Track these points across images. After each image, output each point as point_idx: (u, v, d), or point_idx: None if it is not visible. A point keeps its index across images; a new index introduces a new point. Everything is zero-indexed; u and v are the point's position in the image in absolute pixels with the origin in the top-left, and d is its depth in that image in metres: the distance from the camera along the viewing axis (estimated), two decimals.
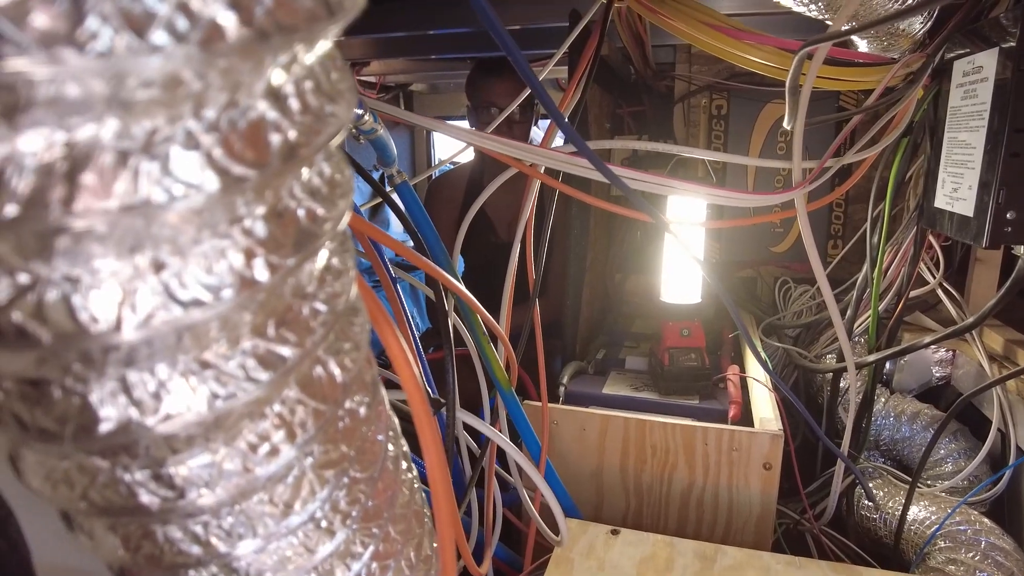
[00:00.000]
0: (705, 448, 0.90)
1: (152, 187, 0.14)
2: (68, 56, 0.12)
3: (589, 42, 0.82)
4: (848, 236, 1.44)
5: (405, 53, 1.67)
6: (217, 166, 0.15)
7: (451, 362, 0.57)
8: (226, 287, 0.16)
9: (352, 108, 0.19)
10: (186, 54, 0.13)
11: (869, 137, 0.80)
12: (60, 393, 0.17)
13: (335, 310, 0.21)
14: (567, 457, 0.93)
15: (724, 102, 1.42)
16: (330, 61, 0.19)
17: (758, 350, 0.96)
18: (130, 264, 0.15)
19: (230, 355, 0.18)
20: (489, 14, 0.44)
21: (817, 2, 0.62)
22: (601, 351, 1.21)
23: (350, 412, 0.24)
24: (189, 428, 0.18)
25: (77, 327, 0.15)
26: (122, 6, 0.12)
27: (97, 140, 0.14)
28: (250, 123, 0.16)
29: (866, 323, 1.12)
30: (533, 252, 0.83)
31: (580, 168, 0.66)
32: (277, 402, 0.20)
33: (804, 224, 0.70)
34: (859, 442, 1.06)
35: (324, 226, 0.19)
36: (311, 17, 0.16)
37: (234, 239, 0.17)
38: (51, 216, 0.13)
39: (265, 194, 0.17)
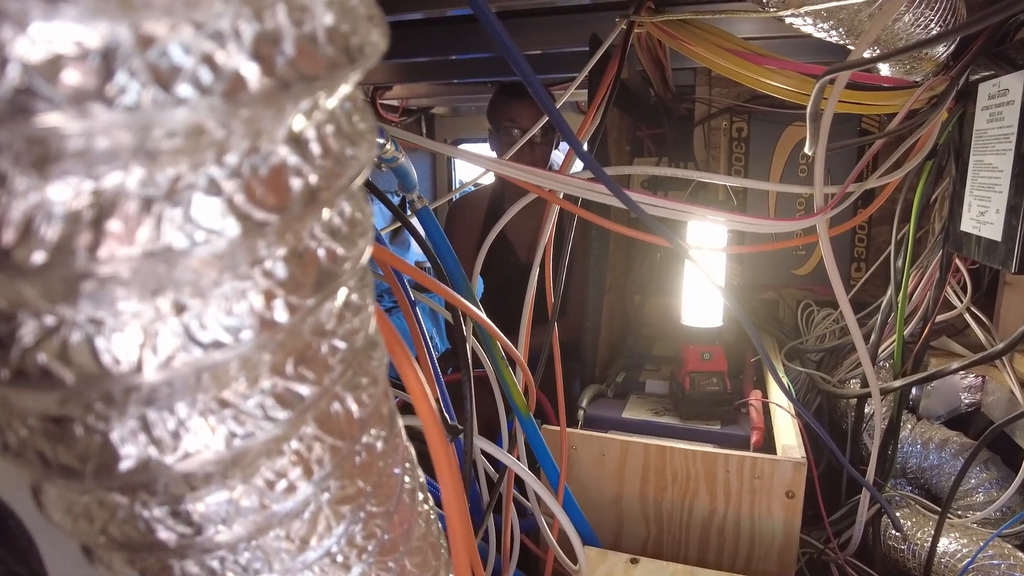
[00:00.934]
0: (727, 475, 0.89)
1: (175, 233, 0.14)
2: (97, 111, 0.12)
3: (609, 67, 0.82)
4: (872, 259, 1.42)
5: (427, 77, 1.70)
6: (238, 212, 0.15)
7: (469, 389, 0.57)
8: (246, 328, 0.17)
9: (373, 149, 0.20)
10: (210, 105, 0.14)
11: (892, 161, 0.79)
12: (82, 431, 0.17)
13: (354, 347, 0.21)
14: (586, 483, 0.92)
15: (744, 124, 1.41)
16: (351, 103, 0.19)
17: (780, 376, 0.95)
18: (152, 306, 0.15)
19: (249, 394, 0.18)
20: (506, 41, 0.44)
21: (838, 28, 0.62)
22: (621, 374, 1.20)
23: (367, 447, 0.24)
24: (207, 466, 0.18)
25: (100, 369, 0.15)
26: (149, 61, 0.13)
27: (122, 188, 0.14)
28: (271, 169, 0.16)
29: (891, 348, 1.10)
30: (552, 274, 0.83)
31: (599, 194, 0.66)
32: (295, 439, 0.20)
33: (826, 250, 0.69)
34: (885, 470, 1.04)
35: (344, 265, 0.19)
36: (332, 65, 0.16)
37: (255, 281, 0.17)
38: (78, 262, 0.14)
39: (286, 236, 0.17)
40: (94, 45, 0.12)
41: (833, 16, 0.59)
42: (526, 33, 1.22)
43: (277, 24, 0.15)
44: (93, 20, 0.12)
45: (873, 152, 0.82)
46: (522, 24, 1.20)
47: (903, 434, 1.08)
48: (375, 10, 0.19)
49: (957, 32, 0.69)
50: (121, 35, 0.12)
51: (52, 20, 0.12)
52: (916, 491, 1.10)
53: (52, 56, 0.12)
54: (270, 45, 0.14)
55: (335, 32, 0.16)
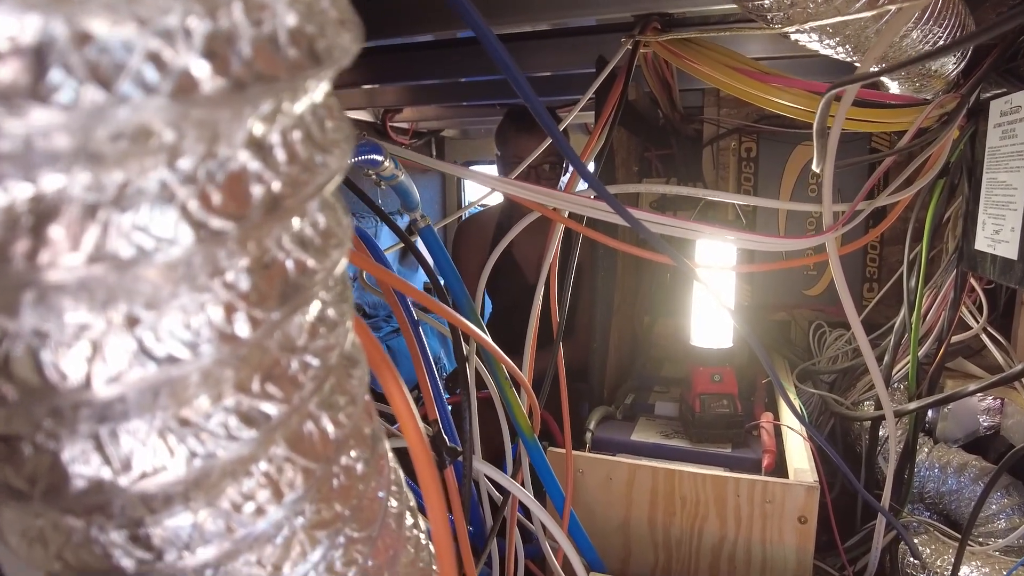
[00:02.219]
0: (737, 500, 0.87)
1: (122, 241, 0.14)
2: (30, 109, 0.12)
3: (614, 87, 0.82)
4: (884, 279, 1.40)
5: (437, 100, 1.71)
6: (193, 219, 0.14)
7: (469, 410, 0.56)
8: (205, 342, 0.16)
9: (346, 157, 0.19)
10: (157, 105, 0.13)
11: (904, 179, 0.77)
12: (31, 450, 0.16)
13: (327, 364, 0.20)
14: (593, 507, 0.90)
15: (753, 144, 1.41)
16: (325, 110, 0.19)
17: (791, 399, 0.93)
18: (102, 318, 0.15)
19: (211, 412, 0.17)
20: (506, 61, 0.44)
21: (845, 44, 0.62)
22: (629, 396, 1.19)
23: (345, 469, 0.23)
24: (167, 488, 0.17)
25: (45, 383, 0.15)
26: (88, 58, 0.12)
27: (64, 192, 0.13)
28: (229, 174, 0.15)
29: (905, 369, 1.08)
30: (557, 295, 0.82)
31: (603, 212, 0.66)
32: (263, 460, 0.19)
33: (836, 269, 0.67)
34: (901, 495, 1.01)
35: (315, 277, 0.18)
36: (294, 67, 0.15)
37: (214, 293, 0.16)
38: (15, 270, 0.13)
39: (248, 246, 0.16)
40: (26, 40, 0.12)
41: (839, 32, 0.59)
42: (534, 55, 1.23)
43: (232, 23, 0.14)
44: (23, 13, 0.11)
45: (883, 170, 0.80)
46: (530, 46, 1.20)
47: (920, 458, 1.06)
48: (348, 14, 0.18)
49: (964, 43, 0.68)
50: (56, 30, 0.12)
51: None
52: (934, 517, 1.06)
53: None
54: (224, 44, 0.14)
55: (298, 33, 0.15)
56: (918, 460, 1.05)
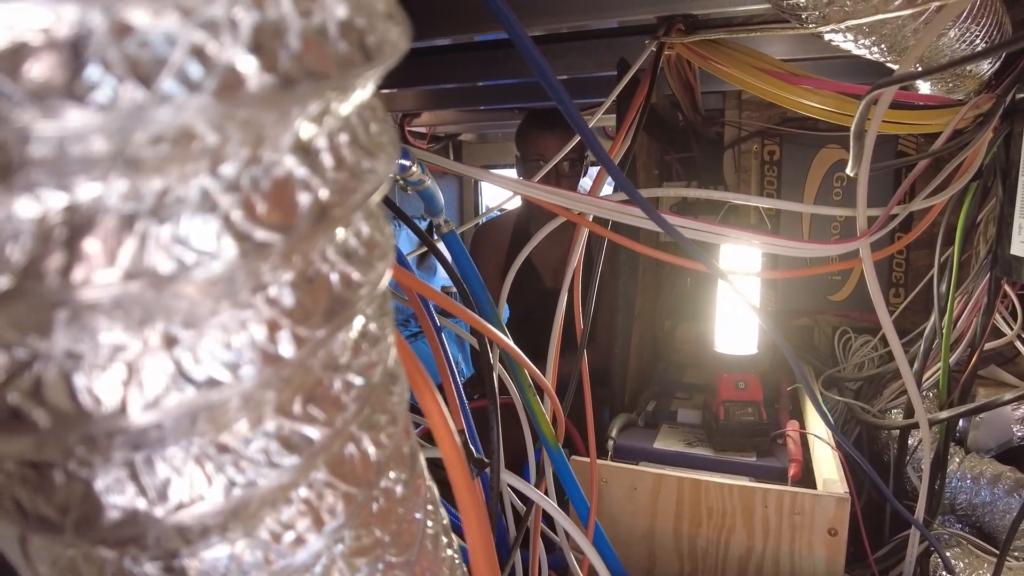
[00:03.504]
0: (765, 511, 0.85)
1: (161, 255, 0.12)
2: (66, 110, 0.11)
3: (638, 91, 0.80)
4: (911, 284, 1.37)
5: (455, 104, 1.70)
6: (236, 231, 0.13)
7: (496, 421, 0.54)
8: (246, 364, 0.15)
9: (393, 162, 0.18)
10: (200, 105, 0.12)
11: (937, 182, 0.75)
12: (63, 479, 0.15)
13: (371, 382, 0.19)
14: (617, 517, 0.89)
15: (776, 147, 1.38)
16: (370, 112, 0.17)
17: (821, 405, 0.90)
18: (138, 338, 0.13)
19: (251, 437, 0.16)
20: (542, 64, 0.43)
21: (880, 44, 0.60)
22: (651, 402, 1.17)
23: (385, 492, 0.21)
24: (204, 518, 0.16)
25: (78, 410, 0.13)
26: (127, 52, 0.11)
27: (100, 202, 0.12)
28: (275, 181, 0.14)
29: (935, 376, 1.05)
30: (581, 302, 0.80)
31: (631, 217, 0.64)
32: (304, 486, 0.18)
33: (870, 275, 0.65)
34: (932, 506, 0.98)
35: (360, 291, 0.17)
36: (345, 63, 0.14)
37: (257, 309, 0.15)
38: (48, 288, 0.12)
39: (293, 259, 0.15)
40: (62, 33, 0.10)
41: (875, 32, 0.57)
42: (553, 58, 1.22)
43: (281, 13, 0.13)
44: (59, 3, 0.10)
45: (917, 173, 0.78)
46: (549, 49, 1.19)
47: (951, 468, 1.03)
48: (395, 8, 0.17)
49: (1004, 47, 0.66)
50: (93, 21, 0.11)
51: (12, 2, 0.10)
52: (966, 529, 1.04)
53: (12, 45, 0.10)
54: (272, 37, 0.13)
55: (349, 26, 0.14)
56: (949, 470, 1.02)
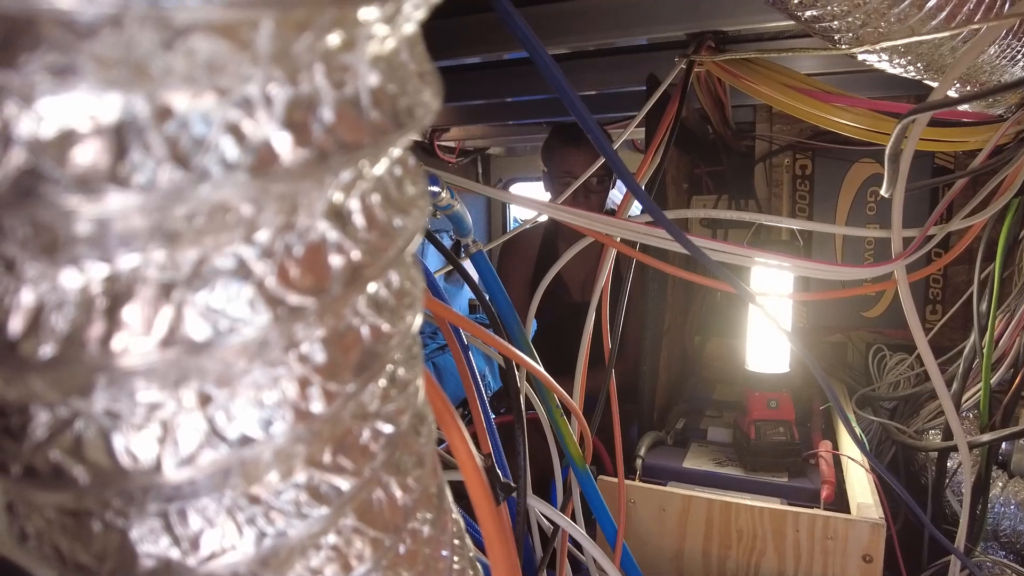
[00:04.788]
0: (796, 535, 0.83)
1: (197, 323, 0.13)
2: (108, 192, 0.11)
3: (668, 107, 0.80)
4: (948, 301, 1.34)
5: (484, 119, 1.71)
6: (270, 296, 0.14)
7: (523, 446, 0.54)
8: (278, 420, 0.15)
9: (424, 216, 0.18)
10: (236, 181, 0.12)
11: (977, 201, 0.73)
12: (100, 527, 0.15)
13: (399, 429, 0.19)
14: (645, 539, 0.88)
15: (808, 162, 1.36)
16: (401, 167, 0.18)
17: (854, 428, 0.89)
18: (173, 398, 0.14)
19: (282, 489, 0.16)
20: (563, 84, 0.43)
21: (916, 63, 0.59)
22: (681, 420, 1.15)
23: (412, 533, 0.22)
24: (235, 567, 0.16)
25: (116, 467, 0.14)
26: (167, 135, 0.11)
27: (139, 272, 0.12)
28: (308, 246, 0.14)
29: (976, 397, 1.02)
30: (609, 319, 0.80)
31: (658, 239, 0.64)
32: (332, 533, 0.18)
33: (906, 298, 0.64)
34: (974, 532, 0.95)
35: (390, 343, 0.17)
36: (377, 131, 0.14)
37: (289, 367, 0.15)
38: (89, 356, 0.12)
39: (325, 318, 0.15)
40: (108, 120, 0.11)
41: (912, 51, 0.56)
42: (581, 74, 1.22)
43: (314, 87, 0.13)
44: (106, 92, 0.11)
45: (955, 192, 0.76)
46: (578, 65, 1.19)
47: (994, 493, 1.00)
48: (427, 65, 0.17)
49: None
50: (137, 107, 0.11)
51: (61, 94, 0.10)
52: (1011, 557, 1.00)
53: (62, 133, 0.11)
54: (305, 111, 0.13)
55: (381, 94, 0.15)
56: (992, 495, 0.99)
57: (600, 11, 0.92)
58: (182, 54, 0.11)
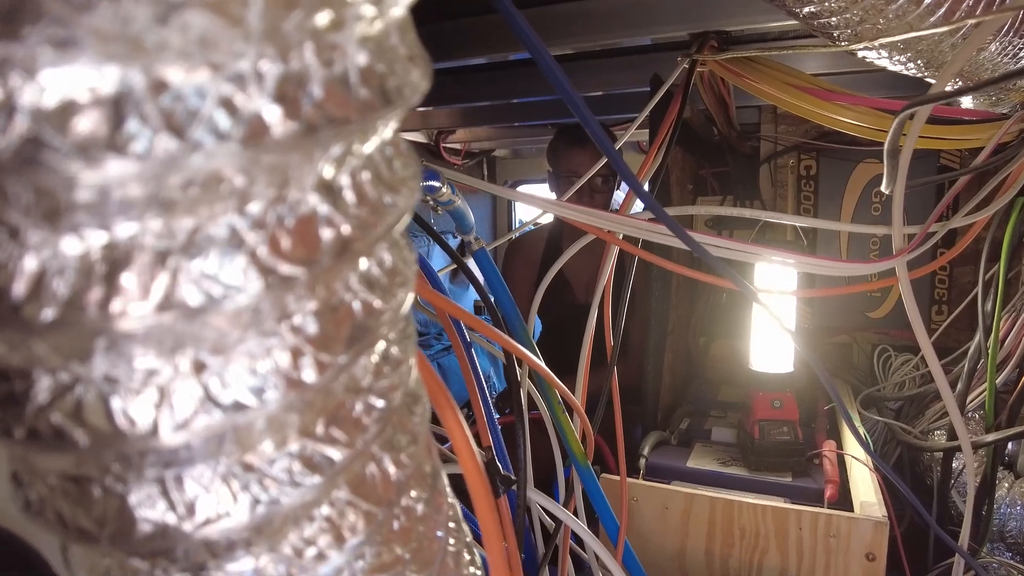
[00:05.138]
0: (799, 533, 0.83)
1: (191, 289, 0.13)
2: (108, 160, 0.12)
3: (671, 107, 0.81)
4: (954, 301, 1.33)
5: (489, 121, 1.72)
6: (262, 265, 0.14)
7: (524, 439, 0.55)
8: (271, 389, 0.15)
9: (415, 195, 0.18)
10: (229, 151, 0.13)
11: (980, 198, 0.73)
12: (100, 493, 0.16)
13: (392, 404, 0.20)
14: (648, 537, 0.88)
15: (813, 162, 1.36)
16: (392, 147, 0.18)
17: (857, 428, 0.88)
18: (170, 364, 0.14)
19: (275, 457, 0.17)
20: (565, 85, 0.43)
21: (916, 60, 0.59)
22: (685, 420, 1.15)
23: (406, 510, 0.22)
24: (230, 534, 0.17)
25: (114, 430, 0.14)
26: (163, 106, 0.12)
27: (136, 240, 0.13)
28: (299, 218, 0.15)
29: (981, 397, 1.02)
30: (612, 317, 0.80)
31: (660, 235, 0.64)
32: (325, 504, 0.19)
33: (907, 295, 0.64)
34: (979, 533, 0.95)
35: (381, 318, 0.18)
36: (365, 108, 0.15)
37: (281, 337, 0.16)
38: (89, 319, 0.13)
39: (317, 289, 0.16)
40: (106, 91, 0.11)
41: (911, 48, 0.56)
42: (586, 75, 1.23)
43: (304, 64, 0.14)
44: (105, 65, 0.11)
45: (957, 190, 0.76)
46: (581, 66, 1.20)
47: (999, 494, 0.99)
48: (417, 49, 0.18)
49: None
50: (133, 80, 0.12)
51: (62, 66, 0.11)
52: (1017, 559, 1.00)
53: (63, 103, 0.11)
54: (295, 87, 0.13)
55: (369, 72, 0.15)
56: (998, 496, 0.99)
57: (604, 12, 0.93)
58: (176, 29, 0.11)
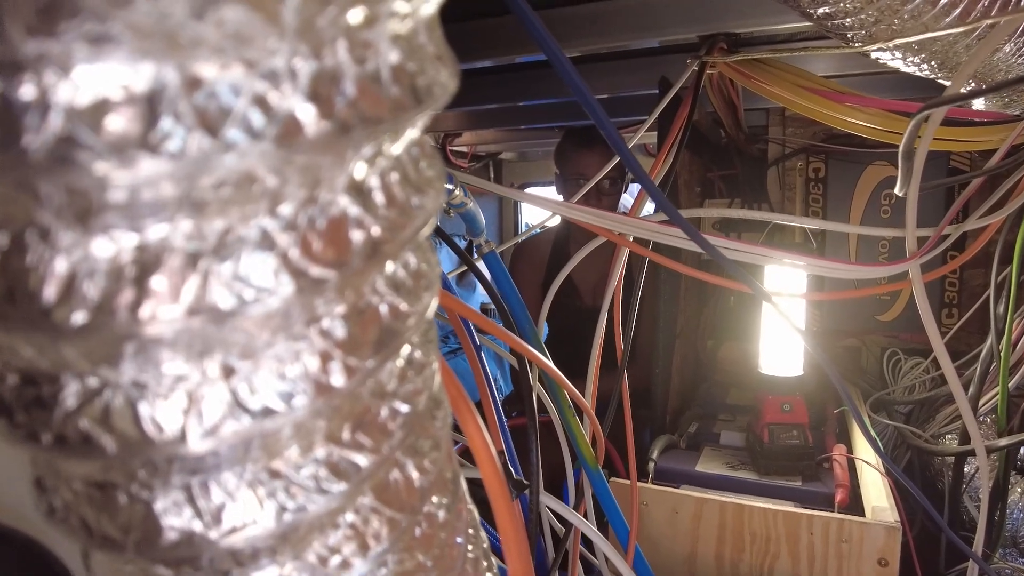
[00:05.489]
0: (810, 538, 0.82)
1: (222, 292, 0.13)
2: (141, 159, 0.11)
3: (680, 110, 0.80)
4: (965, 304, 1.33)
5: (495, 124, 1.72)
6: (293, 268, 0.14)
7: (535, 443, 0.54)
8: (299, 394, 0.15)
9: (440, 197, 0.18)
10: (262, 151, 0.12)
11: (993, 201, 0.73)
12: (125, 500, 0.16)
13: (416, 409, 0.19)
14: (658, 541, 0.87)
15: (822, 164, 1.36)
16: (418, 148, 0.18)
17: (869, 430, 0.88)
18: (198, 369, 0.14)
19: (302, 464, 0.16)
20: (581, 86, 0.43)
21: (930, 61, 0.59)
22: (694, 424, 1.15)
23: (428, 516, 0.22)
24: (255, 542, 0.16)
25: (142, 436, 0.14)
26: (196, 104, 0.12)
27: (167, 242, 0.13)
28: (330, 220, 0.15)
29: (993, 401, 1.01)
30: (622, 320, 0.80)
31: (672, 237, 0.64)
32: (350, 511, 0.18)
33: (921, 297, 0.64)
34: (992, 538, 0.94)
35: (408, 322, 0.18)
36: (397, 107, 0.15)
37: (310, 341, 0.15)
38: (119, 323, 0.13)
39: (346, 293, 0.16)
40: (140, 88, 0.11)
41: (925, 49, 0.56)
42: (593, 77, 1.22)
43: (337, 61, 0.13)
44: (139, 61, 0.11)
45: (970, 192, 0.76)
46: (589, 68, 1.20)
47: (1012, 499, 0.99)
48: (444, 49, 0.17)
49: None
50: (167, 77, 0.11)
51: (97, 63, 0.11)
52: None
53: (96, 101, 0.11)
54: (329, 84, 0.13)
55: (401, 71, 0.15)
56: (1010, 501, 0.98)
57: (612, 14, 0.93)
58: (212, 24, 0.11)
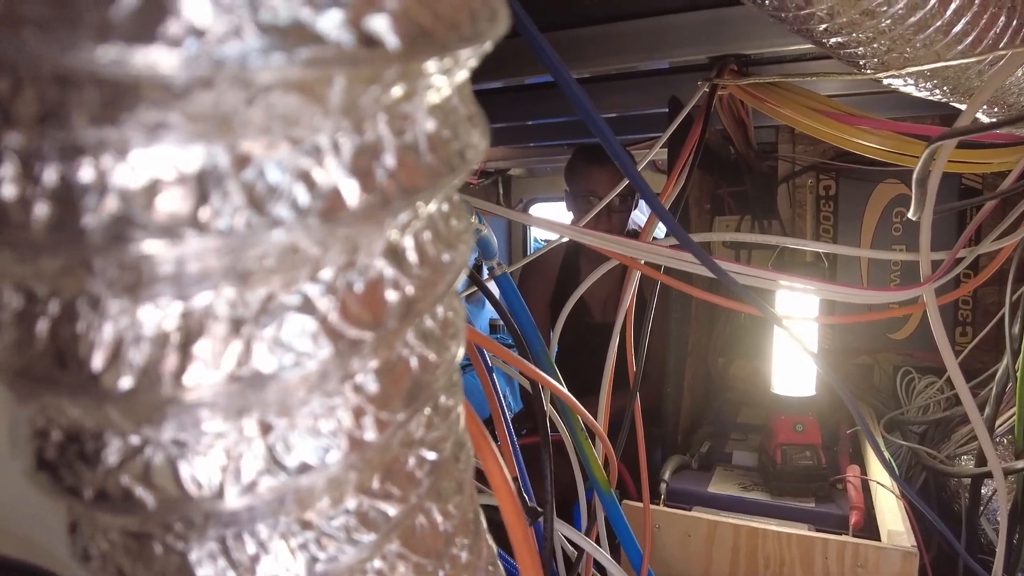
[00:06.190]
0: (825, 562, 0.82)
1: (264, 356, 0.14)
2: (190, 236, 0.12)
3: (692, 131, 0.81)
4: (979, 323, 1.32)
5: (505, 142, 1.73)
6: (332, 331, 0.14)
7: (550, 469, 0.54)
8: (333, 449, 0.15)
9: (470, 250, 0.19)
10: (306, 225, 0.13)
11: (1007, 224, 0.73)
12: (161, 550, 0.16)
13: (442, 456, 0.20)
14: (670, 564, 0.87)
15: (832, 182, 1.36)
16: (448, 203, 0.18)
17: (884, 453, 0.87)
18: (236, 427, 0.15)
19: (333, 515, 0.17)
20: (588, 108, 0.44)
21: (942, 87, 0.59)
22: (705, 443, 1.14)
23: (452, 559, 0.22)
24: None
25: (181, 493, 0.15)
26: (245, 182, 0.12)
27: (211, 309, 0.13)
28: (368, 283, 0.15)
29: (1010, 422, 1.00)
30: (634, 340, 0.80)
31: (683, 262, 0.64)
32: (377, 558, 0.19)
33: (935, 322, 0.63)
34: (1011, 562, 0.93)
35: (437, 372, 0.18)
36: (433, 175, 0.15)
37: (344, 396, 0.16)
38: (163, 389, 0.13)
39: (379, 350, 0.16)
40: (191, 169, 0.12)
41: (938, 75, 0.56)
42: (601, 96, 1.23)
43: (378, 135, 0.14)
44: (192, 143, 0.12)
45: (984, 216, 0.76)
46: (598, 88, 1.20)
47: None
48: (474, 107, 0.18)
49: None
50: (218, 157, 0.12)
51: (152, 146, 0.11)
52: None
53: (150, 183, 0.12)
54: (370, 158, 0.14)
55: (437, 139, 0.15)
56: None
57: (622, 36, 0.93)
58: (261, 108, 0.12)
